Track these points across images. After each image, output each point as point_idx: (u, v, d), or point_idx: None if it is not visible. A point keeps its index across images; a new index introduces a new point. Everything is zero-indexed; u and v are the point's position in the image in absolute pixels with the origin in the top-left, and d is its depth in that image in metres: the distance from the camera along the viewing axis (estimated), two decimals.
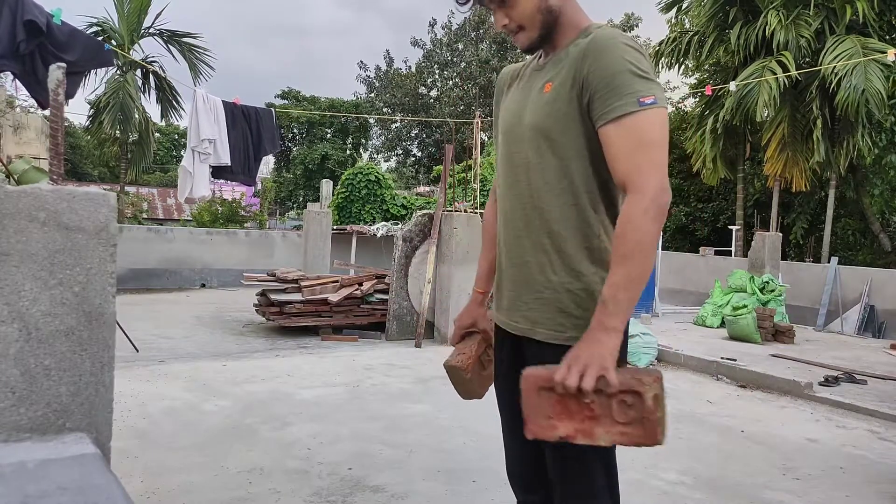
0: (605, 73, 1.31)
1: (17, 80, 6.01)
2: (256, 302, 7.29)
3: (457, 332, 1.77)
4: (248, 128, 8.94)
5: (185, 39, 14.40)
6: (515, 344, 1.53)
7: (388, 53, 30.47)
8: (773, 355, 6.41)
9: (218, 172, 8.89)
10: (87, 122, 15.10)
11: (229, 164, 8.68)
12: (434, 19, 28.79)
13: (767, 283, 8.28)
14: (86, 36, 6.98)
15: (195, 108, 8.45)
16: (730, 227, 14.84)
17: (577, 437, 1.25)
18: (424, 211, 7.12)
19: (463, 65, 27.41)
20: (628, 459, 3.15)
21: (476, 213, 7.19)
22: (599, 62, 1.32)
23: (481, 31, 27.35)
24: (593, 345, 1.26)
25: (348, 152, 30.27)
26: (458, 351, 1.74)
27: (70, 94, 6.61)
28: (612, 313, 1.27)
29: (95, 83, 14.16)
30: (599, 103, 1.32)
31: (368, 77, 29.90)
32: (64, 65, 3.71)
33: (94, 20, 13.61)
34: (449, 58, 27.96)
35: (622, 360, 1.44)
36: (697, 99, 15.60)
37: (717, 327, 8.18)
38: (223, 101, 8.72)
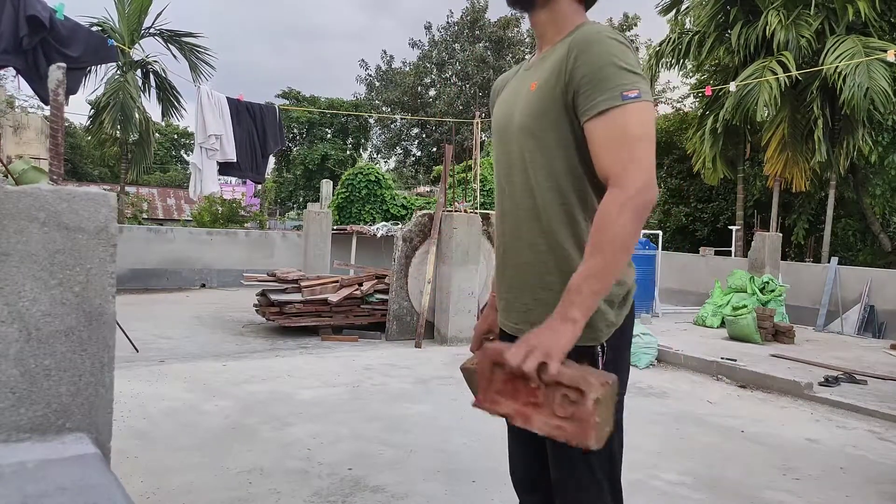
0: (589, 67, 1.30)
1: (19, 76, 6.02)
2: (256, 302, 7.29)
3: (475, 338, 1.74)
4: (254, 124, 8.96)
5: (186, 39, 14.38)
6: None
7: (386, 53, 30.48)
8: (774, 355, 6.41)
9: (226, 169, 8.89)
10: (88, 122, 15.08)
11: (236, 161, 8.69)
12: (429, 22, 28.81)
13: (767, 283, 8.28)
14: (88, 31, 6.95)
15: (200, 104, 8.45)
16: (730, 227, 14.84)
17: (516, 418, 1.23)
18: (424, 211, 7.11)
19: (458, 66, 27.40)
20: (629, 460, 3.14)
21: (476, 213, 7.18)
22: (583, 57, 1.31)
23: (477, 31, 27.34)
24: (547, 332, 1.22)
25: (348, 152, 30.24)
26: (476, 356, 1.71)
27: (72, 90, 6.61)
28: (574, 303, 1.23)
29: (95, 83, 14.16)
30: (584, 98, 1.31)
31: (369, 76, 29.91)
32: (64, 65, 3.71)
33: (95, 20, 13.60)
34: (445, 58, 27.95)
35: (620, 360, 1.44)
36: (698, 101, 15.60)
37: (717, 327, 8.18)
38: (227, 98, 8.73)
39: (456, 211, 7.01)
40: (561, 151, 1.38)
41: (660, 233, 10.89)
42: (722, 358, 5.79)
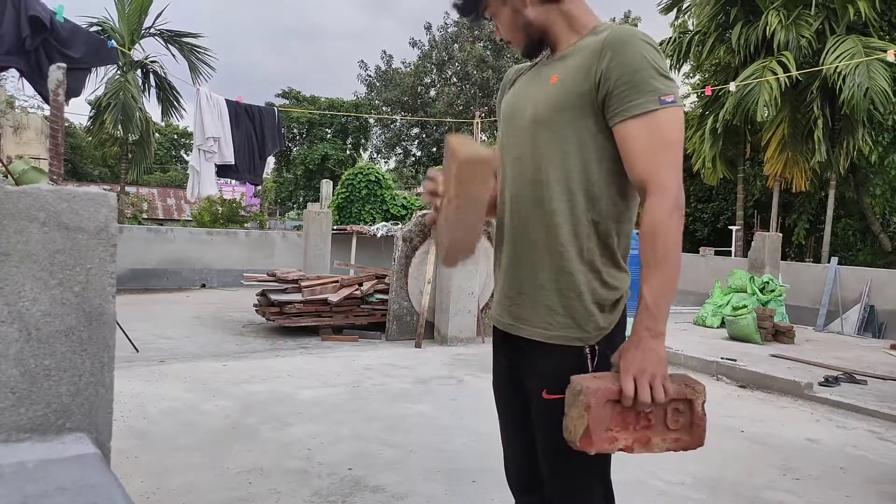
0: (625, 69, 1.29)
1: (23, 78, 6.04)
2: (256, 302, 7.29)
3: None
4: (252, 126, 8.95)
5: (186, 40, 14.38)
6: (511, 344, 1.52)
7: (386, 53, 30.48)
8: (773, 355, 6.41)
9: (224, 171, 8.89)
10: (88, 122, 15.10)
11: (233, 163, 8.69)
12: (429, 22, 28.81)
13: (767, 283, 8.27)
14: (88, 33, 6.97)
15: (199, 106, 8.45)
16: (730, 227, 14.85)
17: (635, 447, 1.25)
18: (424, 211, 7.11)
19: (458, 66, 27.41)
20: (628, 459, 3.14)
21: None
22: (620, 58, 1.30)
23: (476, 31, 27.33)
24: (649, 353, 1.25)
25: (348, 152, 30.24)
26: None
27: (76, 92, 6.63)
28: (659, 318, 1.27)
29: (96, 83, 14.17)
30: (618, 99, 1.30)
31: (369, 77, 29.91)
32: (64, 65, 3.72)
33: (95, 20, 13.61)
34: (445, 58, 27.96)
35: (608, 366, 1.43)
36: (697, 101, 15.60)
37: (717, 327, 8.17)
38: (226, 100, 8.73)
39: None
40: (576, 149, 1.37)
41: None
42: (722, 358, 5.79)
